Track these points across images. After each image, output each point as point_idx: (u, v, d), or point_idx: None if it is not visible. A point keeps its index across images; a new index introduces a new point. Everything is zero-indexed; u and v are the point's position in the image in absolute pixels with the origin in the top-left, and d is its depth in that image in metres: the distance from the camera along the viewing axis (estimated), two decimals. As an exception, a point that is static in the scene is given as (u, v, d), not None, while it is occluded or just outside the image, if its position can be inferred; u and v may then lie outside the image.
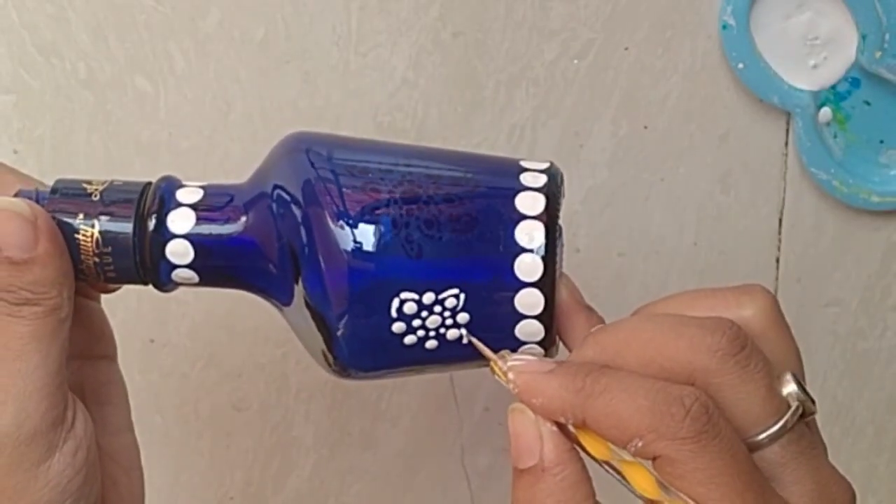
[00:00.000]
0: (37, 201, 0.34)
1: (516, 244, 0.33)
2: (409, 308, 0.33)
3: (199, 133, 0.49)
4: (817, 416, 0.33)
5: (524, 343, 0.34)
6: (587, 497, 0.31)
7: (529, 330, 0.33)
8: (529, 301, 0.33)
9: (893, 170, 0.52)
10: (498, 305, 0.33)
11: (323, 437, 0.54)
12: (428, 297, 0.33)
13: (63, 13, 0.47)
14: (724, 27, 0.49)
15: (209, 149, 0.49)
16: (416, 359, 0.34)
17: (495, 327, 0.33)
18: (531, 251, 0.32)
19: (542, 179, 0.34)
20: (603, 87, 0.50)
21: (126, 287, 0.37)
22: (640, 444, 0.29)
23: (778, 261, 0.54)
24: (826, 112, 0.50)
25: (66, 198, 0.34)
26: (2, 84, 0.48)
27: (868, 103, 0.51)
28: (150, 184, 0.35)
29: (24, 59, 0.48)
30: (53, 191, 0.34)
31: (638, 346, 0.31)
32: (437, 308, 0.33)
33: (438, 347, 0.34)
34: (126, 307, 0.50)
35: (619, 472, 0.30)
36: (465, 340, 0.33)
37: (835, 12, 0.49)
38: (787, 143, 0.52)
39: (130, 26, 0.48)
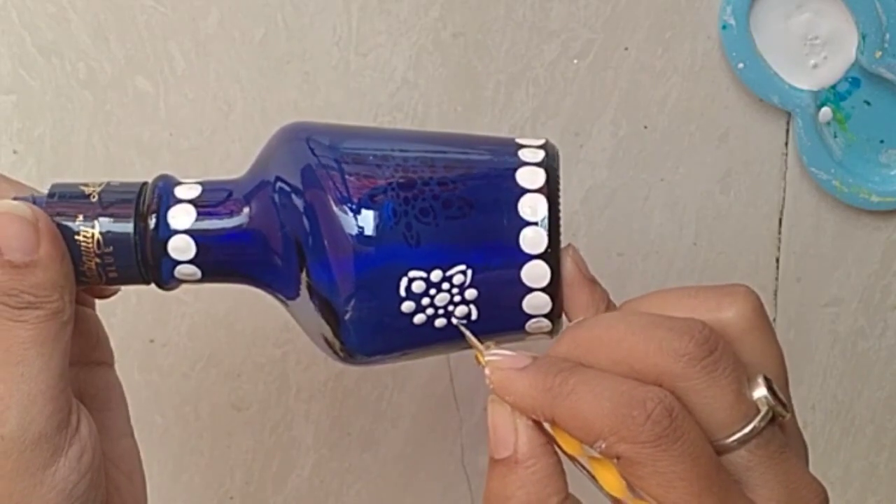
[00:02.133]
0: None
1: (520, 218, 0.33)
2: (418, 287, 0.33)
3: (199, 133, 0.49)
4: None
5: (532, 316, 0.34)
6: (559, 491, 0.31)
7: (537, 303, 0.34)
8: (536, 273, 0.33)
9: (893, 170, 0.52)
10: (505, 279, 0.33)
11: (323, 437, 0.54)
12: (436, 275, 0.33)
13: (63, 13, 0.47)
14: (724, 27, 0.49)
15: (210, 149, 0.49)
16: (424, 339, 0.34)
17: (503, 302, 0.34)
18: (535, 224, 0.33)
19: (540, 155, 0.35)
20: (603, 87, 0.50)
21: (125, 287, 0.37)
22: (603, 446, 0.30)
23: (778, 261, 0.54)
24: (826, 112, 0.50)
25: (64, 200, 0.34)
26: (2, 84, 0.48)
27: (868, 103, 0.51)
28: (146, 183, 0.35)
29: (24, 59, 0.48)
30: (51, 195, 0.34)
31: (609, 345, 0.31)
32: (446, 285, 0.33)
33: (447, 326, 0.34)
34: (126, 307, 0.50)
35: (588, 469, 0.31)
36: (454, 323, 0.34)
37: (835, 12, 0.49)
38: (787, 143, 0.52)
39: (130, 26, 0.48)
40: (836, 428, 0.57)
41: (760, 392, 0.31)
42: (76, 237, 0.33)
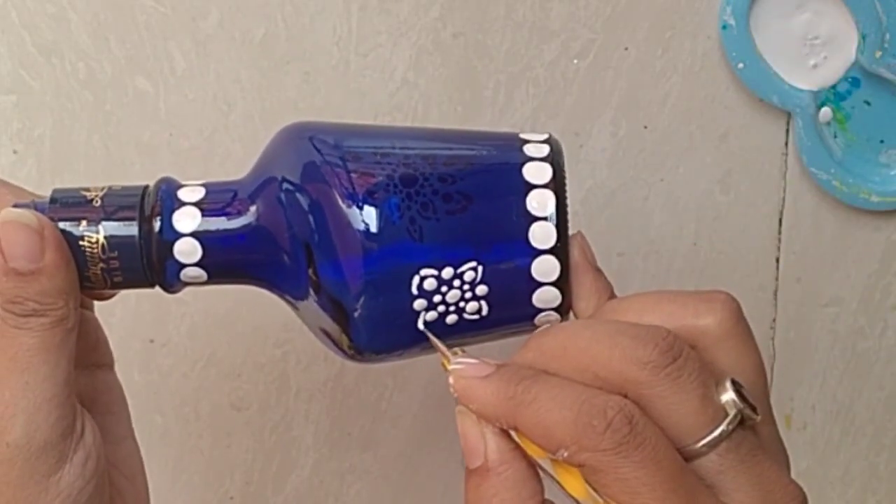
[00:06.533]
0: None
1: (528, 213, 0.33)
2: (430, 284, 0.33)
3: (199, 133, 0.49)
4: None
5: (542, 310, 0.34)
6: (533, 494, 0.31)
7: (547, 297, 0.34)
8: (545, 268, 0.33)
9: (893, 170, 0.52)
10: (515, 274, 0.34)
11: (323, 437, 0.54)
12: (447, 272, 0.33)
13: (63, 13, 0.47)
14: (724, 27, 0.49)
15: (210, 149, 0.49)
16: (434, 335, 0.34)
17: (514, 297, 0.34)
18: (544, 219, 0.33)
19: (545, 150, 0.35)
20: (603, 87, 0.50)
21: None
22: (566, 454, 0.30)
23: (778, 261, 0.54)
24: (826, 112, 0.50)
25: (66, 206, 0.34)
26: (2, 84, 0.48)
27: (868, 103, 0.51)
28: (149, 186, 0.35)
29: (24, 59, 0.48)
30: (52, 200, 0.34)
31: (574, 352, 0.31)
32: (457, 282, 0.33)
33: (458, 322, 0.34)
34: (126, 307, 0.50)
35: (553, 475, 0.31)
36: (420, 328, 0.34)
37: (835, 12, 0.49)
38: (787, 143, 0.52)
39: (130, 26, 0.48)
40: (836, 428, 0.57)
41: (728, 396, 0.31)
42: (80, 243, 0.33)
